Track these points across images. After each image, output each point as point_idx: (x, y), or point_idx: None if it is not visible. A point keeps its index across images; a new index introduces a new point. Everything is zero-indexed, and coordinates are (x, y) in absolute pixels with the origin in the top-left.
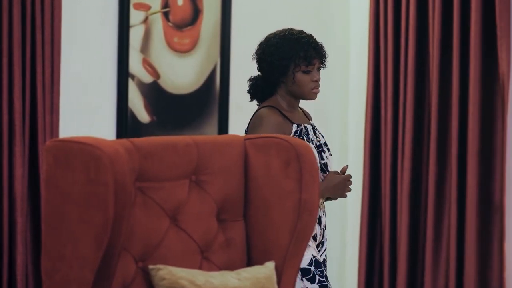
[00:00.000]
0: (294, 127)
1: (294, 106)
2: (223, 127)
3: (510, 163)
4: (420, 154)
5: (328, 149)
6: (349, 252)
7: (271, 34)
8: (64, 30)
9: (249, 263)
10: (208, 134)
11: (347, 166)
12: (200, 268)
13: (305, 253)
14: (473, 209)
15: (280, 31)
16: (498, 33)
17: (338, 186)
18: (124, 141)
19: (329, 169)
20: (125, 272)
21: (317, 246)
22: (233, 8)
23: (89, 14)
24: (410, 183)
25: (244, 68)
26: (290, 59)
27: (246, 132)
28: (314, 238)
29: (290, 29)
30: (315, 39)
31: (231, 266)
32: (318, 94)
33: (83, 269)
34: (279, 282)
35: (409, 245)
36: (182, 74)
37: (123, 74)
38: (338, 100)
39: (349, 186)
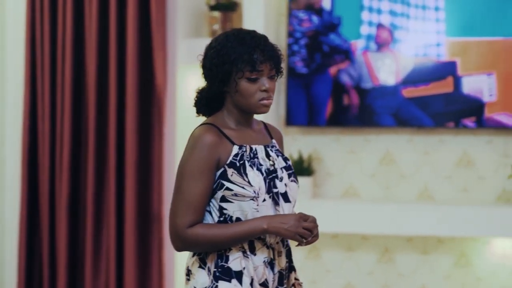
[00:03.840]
0: (235, 149)
1: (243, 122)
2: None
3: (167, 174)
4: (79, 166)
5: (290, 175)
6: (8, 268)
7: (218, 35)
8: None
9: None
10: None
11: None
12: None
13: None
14: (132, 220)
15: (227, 31)
16: (155, 45)
17: (285, 221)
18: None
19: (290, 199)
20: None
21: None
22: None
23: None
24: (68, 195)
25: None
26: (231, 64)
27: None
28: (266, 285)
29: (239, 29)
30: (265, 41)
31: None
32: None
33: None
34: None
35: (68, 258)
36: None
37: None
38: None
39: (303, 230)
